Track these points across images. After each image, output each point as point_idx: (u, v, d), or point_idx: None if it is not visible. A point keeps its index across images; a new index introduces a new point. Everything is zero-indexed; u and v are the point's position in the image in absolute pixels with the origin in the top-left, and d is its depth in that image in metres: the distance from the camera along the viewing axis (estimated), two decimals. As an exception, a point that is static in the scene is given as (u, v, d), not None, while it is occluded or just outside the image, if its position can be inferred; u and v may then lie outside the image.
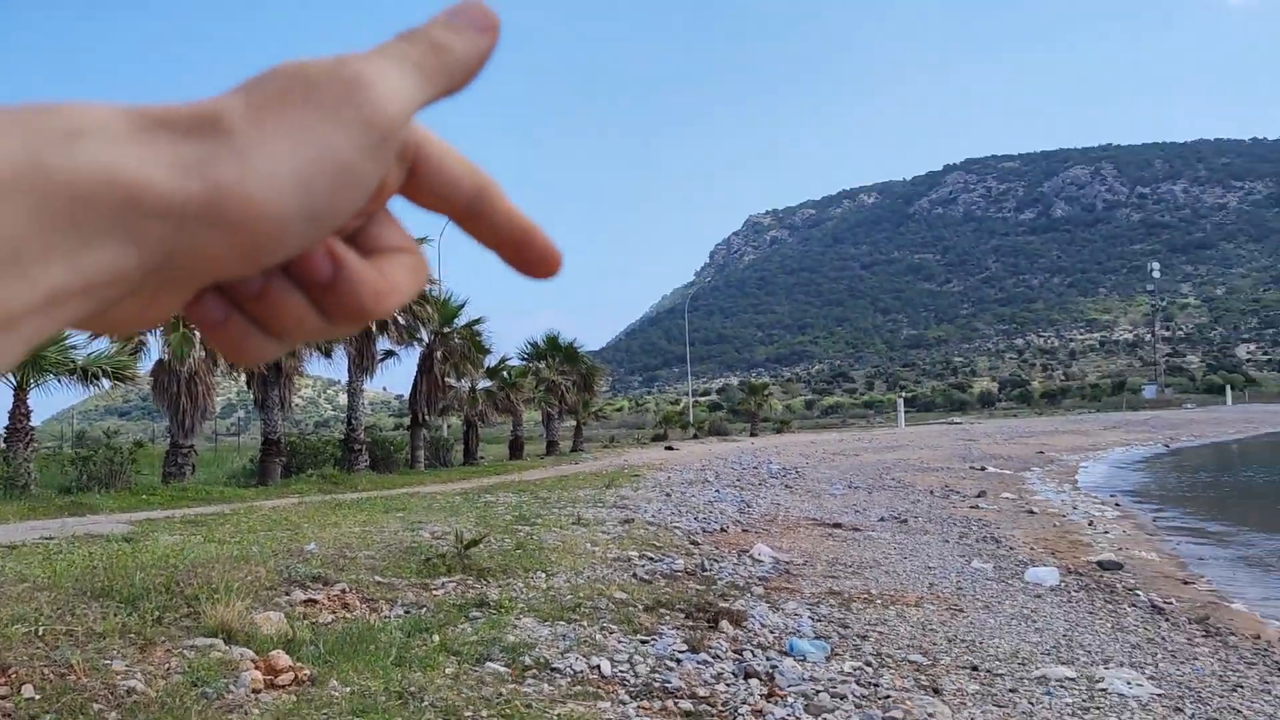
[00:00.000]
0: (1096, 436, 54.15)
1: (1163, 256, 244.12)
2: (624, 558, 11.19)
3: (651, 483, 22.84)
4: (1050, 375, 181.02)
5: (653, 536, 13.29)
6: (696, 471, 27.18)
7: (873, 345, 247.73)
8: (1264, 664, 8.63)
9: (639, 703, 5.84)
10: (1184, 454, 45.28)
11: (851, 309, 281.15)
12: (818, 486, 24.73)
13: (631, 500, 18.16)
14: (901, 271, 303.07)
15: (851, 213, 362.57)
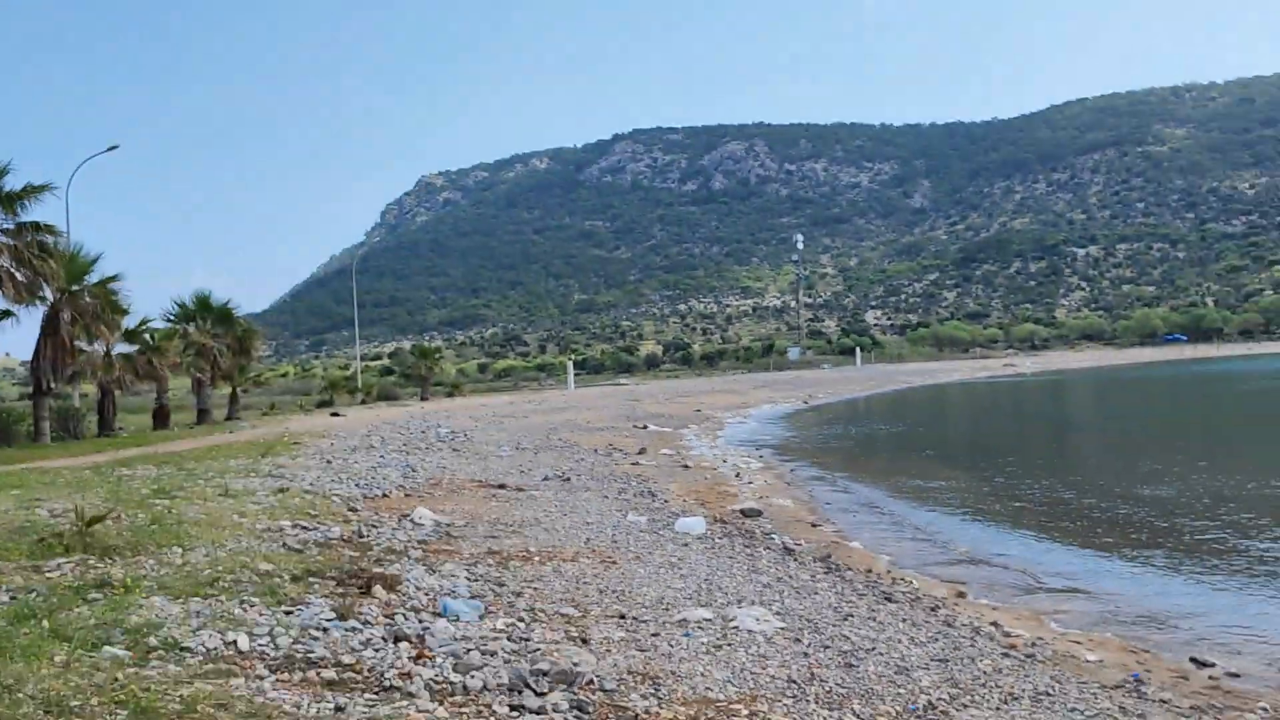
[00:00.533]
0: (747, 395, 58.25)
1: (806, 229, 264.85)
2: (275, 528, 10.69)
3: (312, 450, 21.97)
4: (709, 338, 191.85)
5: (309, 505, 12.79)
6: (361, 438, 26.46)
7: (545, 309, 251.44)
8: (872, 594, 9.66)
9: (278, 675, 5.59)
10: (820, 410, 49.71)
11: (525, 273, 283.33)
12: (485, 449, 24.82)
13: (289, 469, 17.38)
14: (573, 237, 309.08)
15: (525, 177, 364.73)
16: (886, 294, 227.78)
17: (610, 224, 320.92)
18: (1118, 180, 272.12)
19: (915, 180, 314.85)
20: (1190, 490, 17.92)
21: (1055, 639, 8.57)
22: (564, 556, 10.62)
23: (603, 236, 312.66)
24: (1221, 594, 10.51)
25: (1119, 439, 31.59)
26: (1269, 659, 8.15)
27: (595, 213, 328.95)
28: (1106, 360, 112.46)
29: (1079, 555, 12.73)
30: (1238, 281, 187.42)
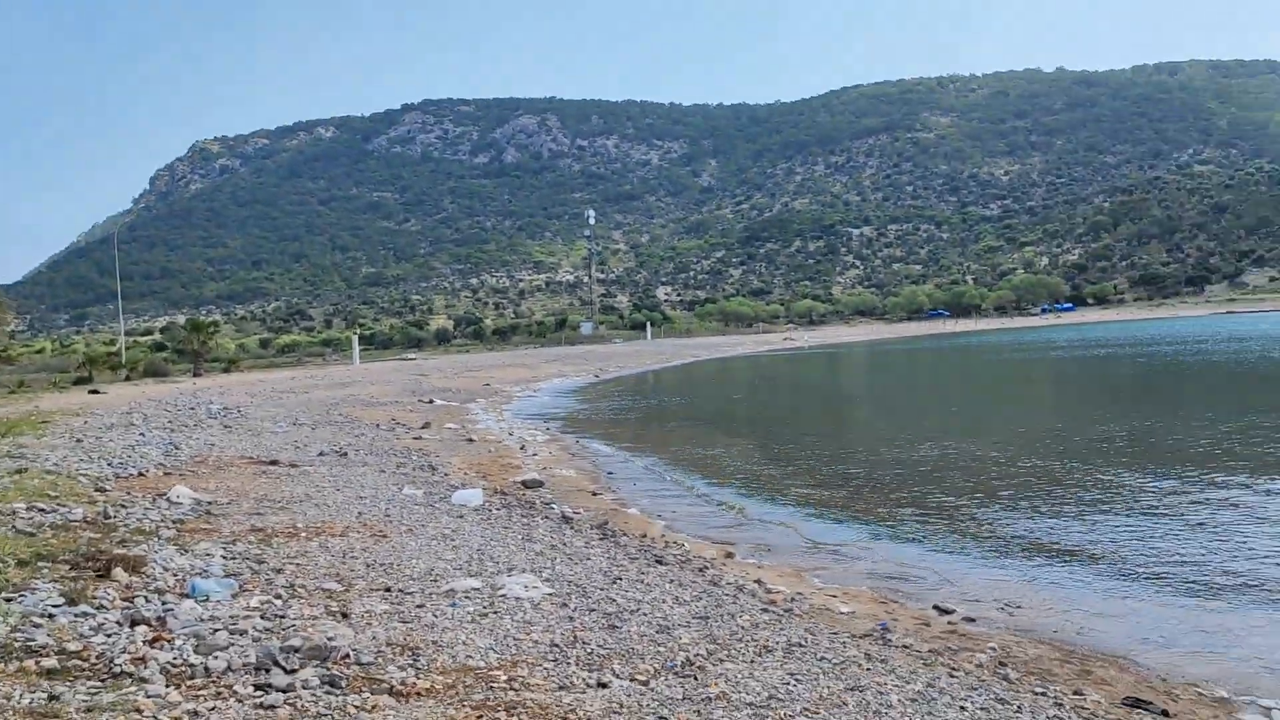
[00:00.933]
0: (538, 369, 58.21)
1: (598, 205, 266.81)
2: (5, 511, 9.80)
3: (63, 429, 20.36)
4: (502, 313, 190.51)
5: (49, 486, 11.82)
6: (121, 415, 24.74)
7: (331, 283, 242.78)
8: (644, 558, 9.81)
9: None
10: (610, 383, 50.28)
11: (310, 245, 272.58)
12: (260, 425, 23.71)
13: (31, 449, 16.03)
14: (361, 209, 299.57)
15: (309, 145, 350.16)
16: (676, 270, 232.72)
17: (400, 196, 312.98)
18: (889, 164, 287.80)
19: (703, 159, 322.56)
20: (945, 454, 19.17)
21: (814, 594, 8.96)
22: (333, 532, 10.25)
23: (391, 208, 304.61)
24: (968, 549, 11.27)
25: (886, 407, 33.48)
26: (1003, 604, 8.80)
27: (384, 184, 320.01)
28: (878, 334, 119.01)
29: (842, 516, 13.37)
30: (994, 261, 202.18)
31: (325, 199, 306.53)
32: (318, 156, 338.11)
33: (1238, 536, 10.98)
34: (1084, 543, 11.07)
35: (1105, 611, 8.48)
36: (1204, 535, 11.15)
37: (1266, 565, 9.75)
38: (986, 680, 6.15)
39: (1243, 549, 10.44)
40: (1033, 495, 14.02)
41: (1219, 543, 10.76)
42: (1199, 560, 10.06)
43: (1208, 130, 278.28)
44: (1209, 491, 13.54)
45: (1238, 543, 10.72)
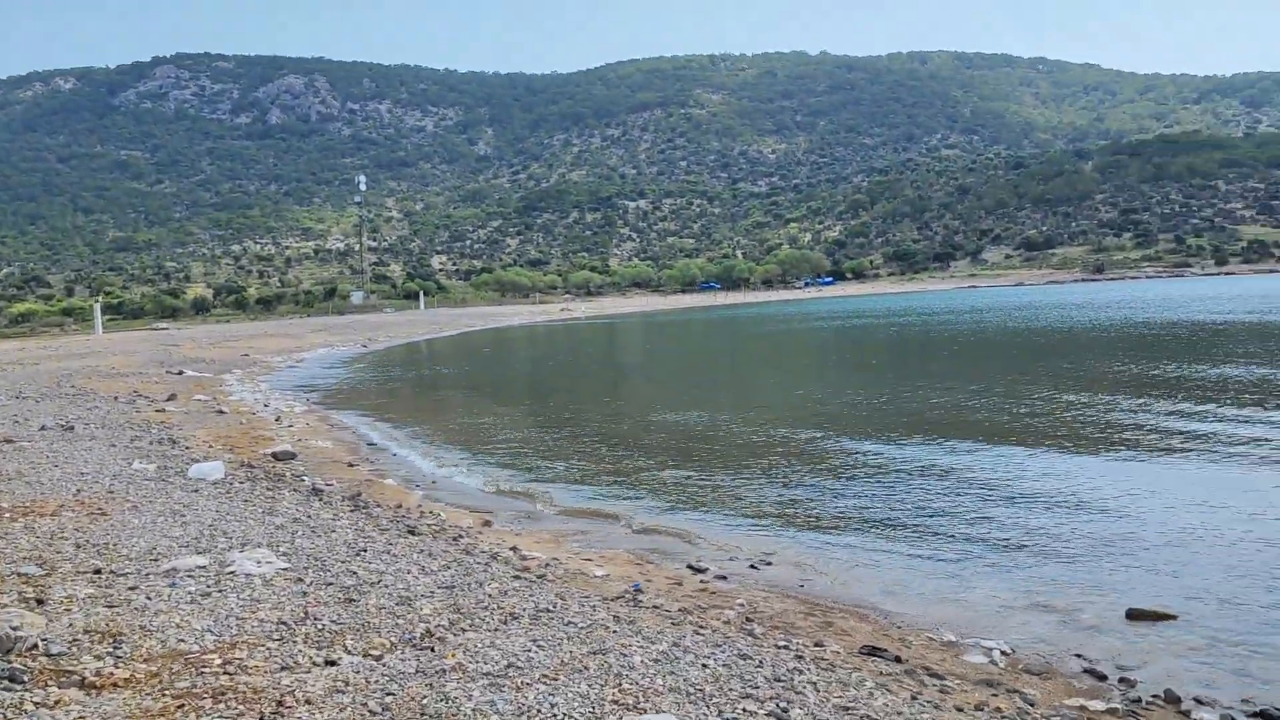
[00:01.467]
0: (303, 339, 55.69)
1: (370, 171, 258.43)
2: None
3: None
4: (267, 282, 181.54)
5: None
6: None
7: (73, 247, 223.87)
8: (396, 529, 9.35)
9: None
10: (379, 353, 48.73)
11: (47, 206, 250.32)
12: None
13: None
14: (106, 168, 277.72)
15: (46, 98, 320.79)
16: (452, 239, 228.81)
17: (151, 155, 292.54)
18: (664, 139, 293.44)
19: (479, 128, 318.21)
20: (713, 421, 19.55)
21: (570, 558, 8.80)
22: (43, 511, 9.24)
23: (142, 168, 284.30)
24: (726, 511, 11.42)
25: (657, 376, 33.98)
26: (755, 561, 8.93)
27: (133, 142, 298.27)
28: (653, 306, 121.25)
29: (607, 482, 13.31)
30: (762, 236, 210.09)
31: (65, 156, 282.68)
32: (56, 110, 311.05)
33: (972, 496, 11.65)
34: (834, 503, 11.46)
35: (852, 565, 8.75)
36: (943, 495, 11.76)
37: (994, 520, 10.36)
38: (732, 637, 6.13)
39: (976, 506, 11.07)
40: (790, 459, 14.43)
41: (955, 501, 11.38)
42: (936, 517, 10.59)
43: (954, 117, 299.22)
44: (949, 456, 14.35)
45: (972, 501, 11.36)
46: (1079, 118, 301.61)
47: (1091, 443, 14.43)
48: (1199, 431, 14.75)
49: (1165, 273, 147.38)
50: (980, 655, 6.35)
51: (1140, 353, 29.94)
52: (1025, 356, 32.17)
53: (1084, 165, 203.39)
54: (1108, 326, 42.58)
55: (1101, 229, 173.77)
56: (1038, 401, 19.22)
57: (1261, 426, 14.92)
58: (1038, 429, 15.90)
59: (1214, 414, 16.37)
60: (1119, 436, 14.84)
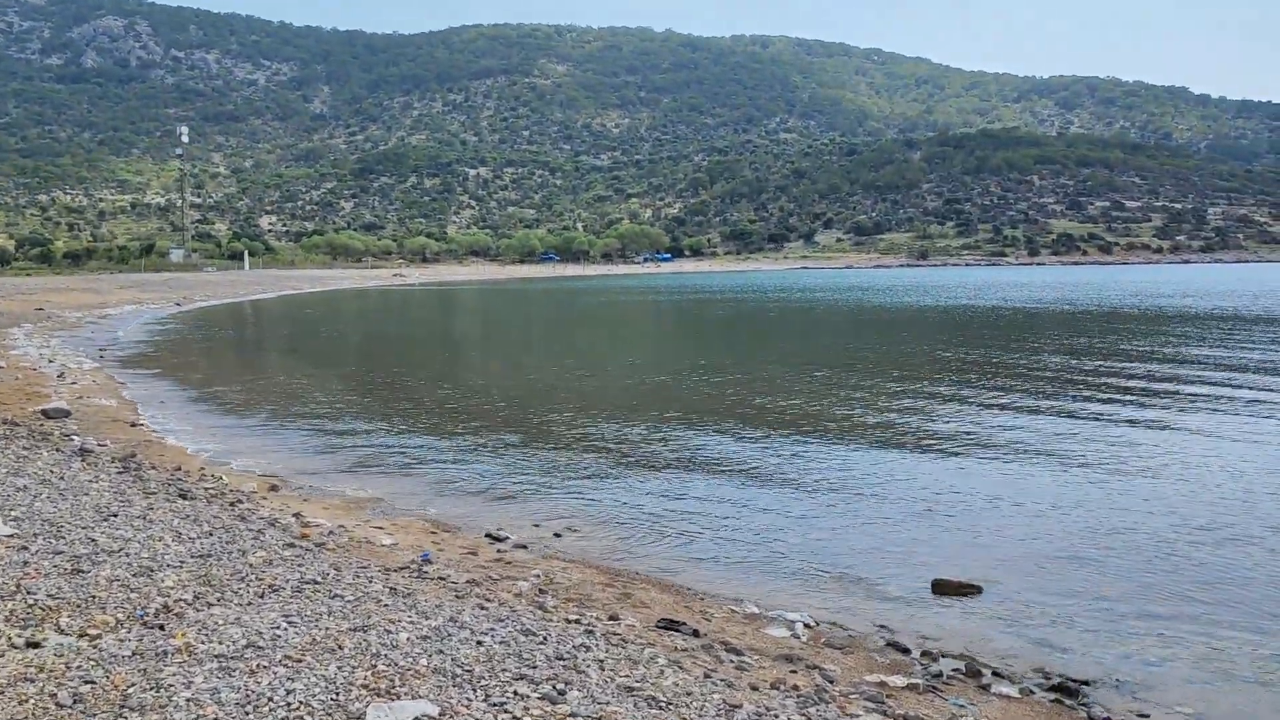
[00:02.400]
0: (109, 295, 52.07)
1: (195, 124, 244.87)
2: None
3: None
4: (77, 235, 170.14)
5: None
6: None
7: None
8: (165, 493, 8.41)
9: None
10: (194, 313, 46.01)
11: None
12: None
13: None
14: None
15: None
16: (283, 199, 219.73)
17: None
18: (507, 107, 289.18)
19: (315, 85, 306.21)
20: (541, 385, 18.96)
21: (358, 526, 8.08)
22: None
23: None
24: (539, 476, 10.87)
25: (487, 342, 33.09)
26: (560, 529, 8.41)
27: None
28: (490, 275, 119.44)
29: (418, 445, 12.56)
30: (603, 209, 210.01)
31: None
32: None
33: (784, 470, 11.46)
34: (647, 473, 11.06)
35: (659, 535, 8.33)
36: (754, 468, 11.54)
37: (803, 493, 10.17)
38: (519, 611, 5.58)
39: (787, 479, 10.87)
40: (610, 427, 14.00)
41: (766, 473, 11.16)
42: (747, 489, 10.32)
43: (792, 102, 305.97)
44: (763, 431, 14.21)
45: (783, 474, 11.17)
46: (910, 109, 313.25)
47: (906, 423, 14.56)
48: (1011, 420, 15.10)
49: (983, 261, 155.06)
50: (782, 629, 6.00)
51: (963, 336, 31.00)
52: (849, 334, 32.87)
53: (913, 155, 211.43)
54: (946, 309, 44.09)
55: (926, 217, 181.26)
56: (861, 383, 19.44)
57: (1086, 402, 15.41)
58: (857, 410, 15.99)
59: (1032, 396, 16.86)
60: (935, 417, 15.05)
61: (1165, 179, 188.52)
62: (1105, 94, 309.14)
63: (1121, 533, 8.21)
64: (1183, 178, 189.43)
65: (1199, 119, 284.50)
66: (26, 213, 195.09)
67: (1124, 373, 18.99)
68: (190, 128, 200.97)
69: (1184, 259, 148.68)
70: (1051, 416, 14.25)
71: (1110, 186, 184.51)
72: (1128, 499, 9.40)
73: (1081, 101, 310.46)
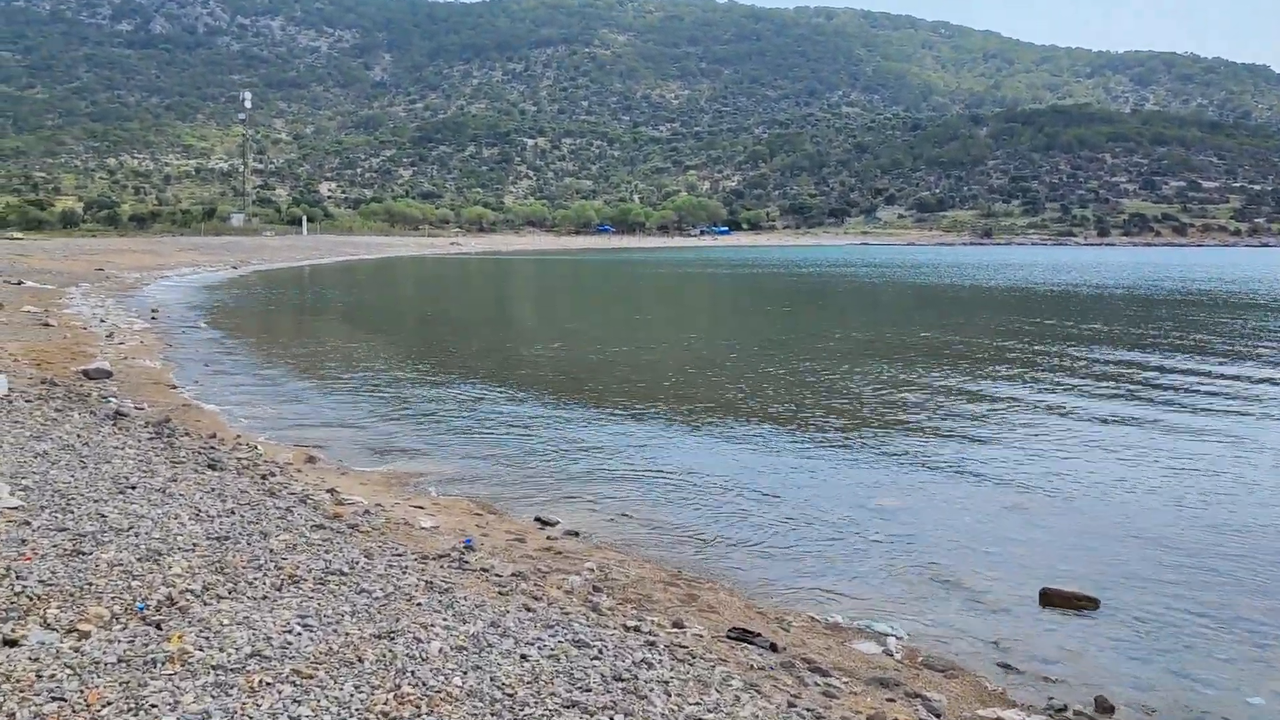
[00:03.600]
0: (168, 257, 52.34)
1: (259, 90, 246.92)
2: None
3: None
4: (143, 198, 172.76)
5: None
6: None
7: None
8: (194, 462, 7.83)
9: None
10: (249, 276, 46.01)
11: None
12: None
13: None
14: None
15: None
16: (342, 166, 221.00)
17: (22, 57, 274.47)
18: (566, 77, 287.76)
19: (376, 53, 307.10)
20: (603, 359, 18.28)
21: (397, 505, 7.44)
22: None
23: (12, 70, 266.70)
24: (600, 457, 10.17)
25: (543, 312, 32.51)
26: (618, 514, 7.71)
27: (2, 41, 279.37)
28: (546, 245, 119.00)
29: (469, 417, 11.93)
30: (660, 182, 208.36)
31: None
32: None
33: (866, 455, 10.64)
34: (712, 457, 10.30)
35: (725, 524, 7.58)
36: (832, 452, 10.74)
37: (888, 484, 9.36)
38: (571, 614, 4.88)
39: (869, 466, 10.06)
40: (670, 407, 13.26)
41: (846, 459, 10.35)
42: (825, 475, 9.52)
43: (855, 75, 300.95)
44: (843, 413, 13.38)
45: (865, 460, 10.36)
46: (977, 84, 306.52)
47: (990, 410, 13.64)
48: (1112, 408, 14.11)
49: (1049, 240, 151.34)
50: (872, 644, 5.23)
51: (1052, 316, 29.77)
52: (922, 313, 31.74)
53: (979, 131, 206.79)
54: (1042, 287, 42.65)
55: (991, 194, 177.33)
56: (940, 365, 18.48)
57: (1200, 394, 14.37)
58: (936, 395, 15.08)
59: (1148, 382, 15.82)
60: (1021, 404, 14.10)
61: (1244, 159, 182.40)
62: (1182, 70, 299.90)
63: (1254, 538, 7.27)
64: (1263, 158, 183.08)
65: (1279, 98, 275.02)
66: (95, 176, 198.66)
67: (1249, 354, 17.81)
68: (254, 94, 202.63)
69: (1263, 242, 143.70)
70: (1160, 406, 13.20)
71: (1186, 166, 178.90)
72: (1257, 497, 8.42)
73: (1157, 78, 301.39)
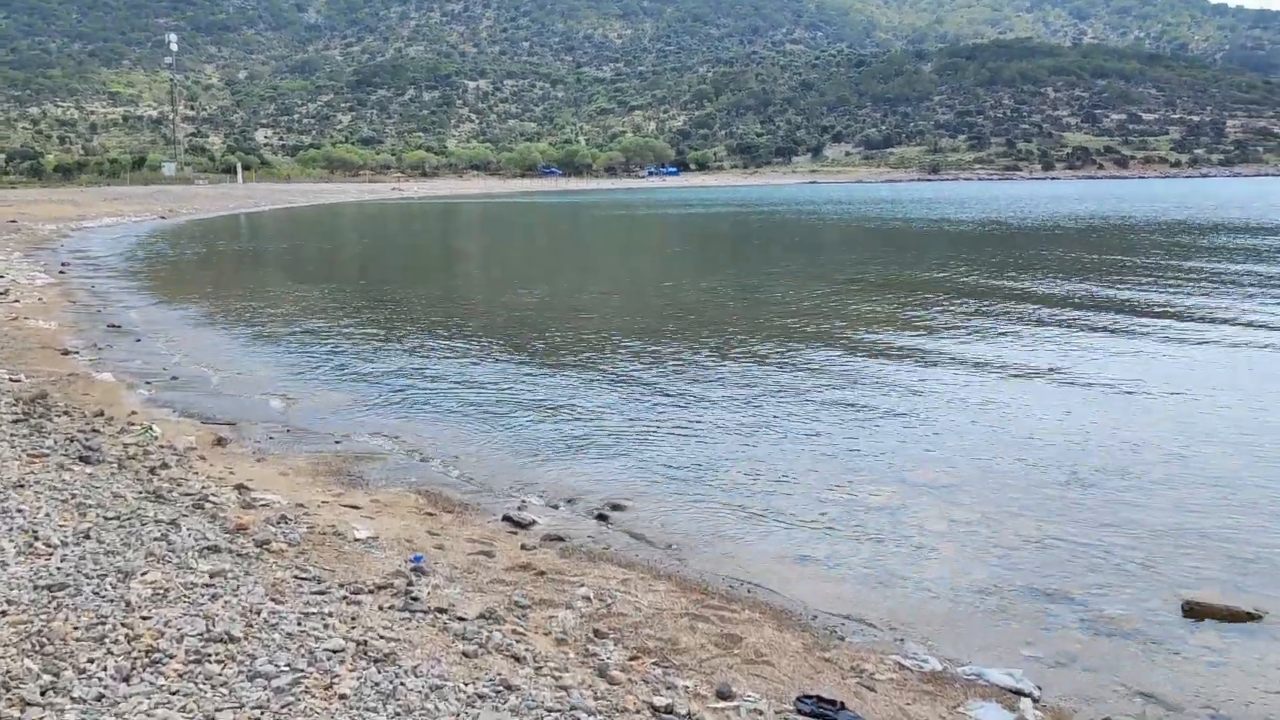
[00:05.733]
0: (90, 208, 49.27)
1: (187, 34, 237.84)
2: None
3: None
4: (69, 149, 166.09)
5: None
6: None
7: None
8: (61, 451, 6.10)
9: None
10: (177, 226, 43.41)
11: None
12: None
13: None
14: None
15: None
16: (278, 113, 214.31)
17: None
18: (506, 18, 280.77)
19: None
20: (547, 303, 16.63)
21: (326, 503, 5.80)
22: None
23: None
24: (561, 421, 8.57)
25: (489, 256, 30.63)
26: (601, 505, 6.14)
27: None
28: (491, 189, 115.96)
29: (410, 380, 10.26)
30: (605, 123, 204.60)
31: None
32: None
33: (908, 397, 9.15)
34: (706, 417, 8.73)
35: (747, 516, 6.00)
36: (851, 413, 9.23)
37: (938, 452, 7.88)
38: (571, 687, 3.31)
39: (908, 426, 8.57)
40: (643, 360, 11.66)
41: (874, 420, 8.86)
42: (858, 440, 8.00)
43: (799, 12, 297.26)
44: (842, 361, 11.88)
45: (897, 422, 8.86)
46: (919, 19, 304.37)
47: (1063, 365, 12.23)
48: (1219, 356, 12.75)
49: (995, 175, 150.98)
50: (994, 709, 3.72)
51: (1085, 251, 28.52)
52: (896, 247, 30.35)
53: (923, 67, 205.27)
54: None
55: (938, 130, 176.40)
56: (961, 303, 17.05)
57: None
58: (982, 336, 13.64)
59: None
60: (1096, 354, 12.71)
61: (1183, 91, 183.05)
62: (1119, 3, 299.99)
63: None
64: (1200, 89, 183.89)
65: (1216, 29, 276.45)
66: (18, 126, 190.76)
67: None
68: (181, 37, 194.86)
69: (1203, 173, 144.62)
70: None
71: (1126, 99, 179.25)
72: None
73: (1095, 11, 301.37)
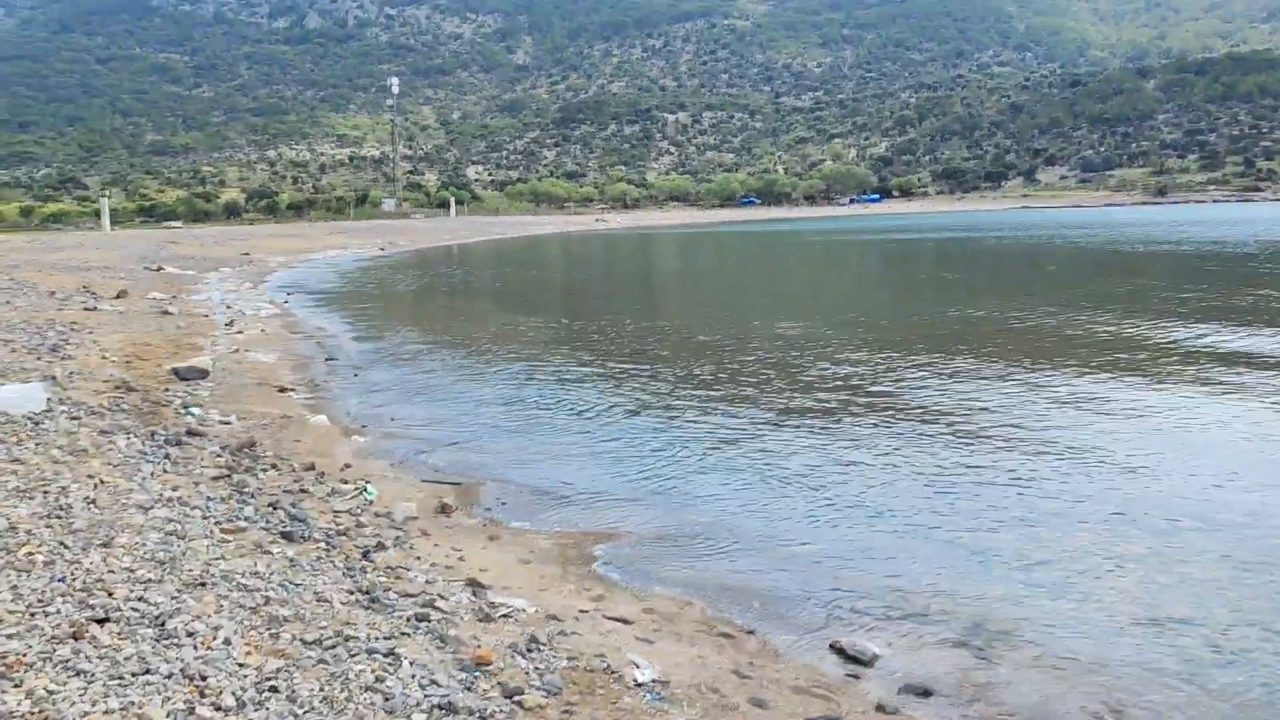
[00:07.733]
0: (315, 241, 51.35)
1: (407, 79, 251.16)
2: None
3: None
4: (300, 187, 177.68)
5: None
6: None
7: (111, 150, 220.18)
8: (262, 524, 4.95)
9: None
10: (395, 258, 44.37)
11: (86, 108, 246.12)
12: None
13: None
14: (144, 71, 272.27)
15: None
16: (488, 149, 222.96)
17: (189, 58, 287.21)
18: (706, 50, 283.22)
19: (518, 36, 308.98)
20: (792, 337, 15.04)
21: (584, 613, 4.36)
22: None
23: (180, 72, 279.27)
24: (875, 489, 6.94)
25: (698, 287, 29.36)
26: (977, 620, 4.49)
27: (171, 45, 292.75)
28: (691, 219, 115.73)
29: (658, 418, 8.87)
30: (804, 151, 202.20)
31: (104, 58, 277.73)
32: (94, 10, 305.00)
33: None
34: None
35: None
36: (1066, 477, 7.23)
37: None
38: None
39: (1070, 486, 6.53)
40: (988, 409, 9.89)
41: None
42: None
43: (1006, 33, 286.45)
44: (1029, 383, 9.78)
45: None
46: (1139, 35, 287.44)
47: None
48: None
49: (1234, 196, 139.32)
50: None
51: None
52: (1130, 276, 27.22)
53: (1145, 84, 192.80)
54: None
55: (1164, 150, 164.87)
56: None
57: None
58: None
59: None
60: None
61: None
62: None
63: None
64: None
65: None
66: (257, 167, 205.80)
67: None
68: (401, 82, 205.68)
69: None
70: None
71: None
72: None
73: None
